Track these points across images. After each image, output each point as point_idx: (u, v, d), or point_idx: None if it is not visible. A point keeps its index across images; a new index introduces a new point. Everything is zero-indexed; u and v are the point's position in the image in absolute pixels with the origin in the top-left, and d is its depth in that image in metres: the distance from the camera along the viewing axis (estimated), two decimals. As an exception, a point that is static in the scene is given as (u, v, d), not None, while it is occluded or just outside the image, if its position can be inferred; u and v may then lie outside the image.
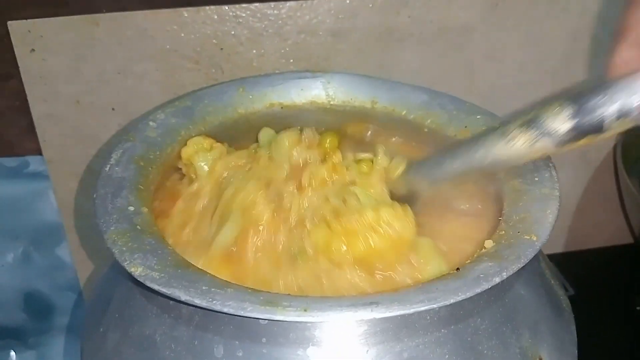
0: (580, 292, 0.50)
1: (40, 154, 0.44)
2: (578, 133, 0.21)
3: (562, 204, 0.56)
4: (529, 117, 0.23)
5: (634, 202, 0.44)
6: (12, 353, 0.49)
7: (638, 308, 0.48)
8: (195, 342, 0.23)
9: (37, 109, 0.43)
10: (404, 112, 0.36)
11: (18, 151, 0.45)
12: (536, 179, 0.27)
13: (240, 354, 0.23)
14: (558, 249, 0.54)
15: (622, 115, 0.20)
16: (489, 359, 0.24)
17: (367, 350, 0.23)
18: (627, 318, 0.48)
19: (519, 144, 0.23)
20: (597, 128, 0.21)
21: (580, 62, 0.48)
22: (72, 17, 0.40)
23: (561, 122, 0.21)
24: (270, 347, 0.22)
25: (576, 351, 0.30)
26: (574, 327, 0.31)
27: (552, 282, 0.31)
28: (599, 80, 0.22)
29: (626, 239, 0.55)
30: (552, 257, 0.53)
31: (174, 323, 0.24)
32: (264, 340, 0.22)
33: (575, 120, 0.21)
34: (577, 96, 0.22)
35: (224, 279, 0.22)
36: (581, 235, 0.54)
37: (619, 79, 0.21)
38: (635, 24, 0.22)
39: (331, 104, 0.37)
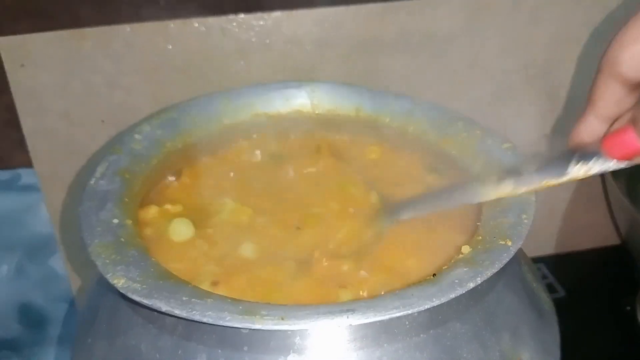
0: (571, 294, 0.51)
1: (32, 166, 0.45)
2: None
3: (551, 207, 0.56)
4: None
5: (620, 205, 0.44)
6: (8, 365, 0.50)
7: (628, 308, 0.49)
8: (179, 352, 0.24)
9: (28, 124, 0.43)
10: (387, 120, 0.36)
11: (10, 164, 0.46)
12: (513, 184, 0.28)
13: (223, 363, 0.23)
14: (549, 250, 0.54)
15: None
16: (468, 362, 0.25)
17: (348, 357, 0.23)
18: (616, 318, 0.48)
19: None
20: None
21: (563, 69, 0.48)
22: (59, 32, 0.41)
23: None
24: (252, 355, 0.23)
25: (559, 352, 0.30)
26: (556, 329, 0.31)
27: (534, 284, 0.31)
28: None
29: (614, 240, 0.55)
30: (543, 259, 0.53)
31: (158, 333, 0.24)
32: (245, 348, 0.23)
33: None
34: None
35: (206, 290, 0.23)
36: (571, 237, 0.55)
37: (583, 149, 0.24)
38: (602, 95, 0.23)
39: (316, 113, 0.38)
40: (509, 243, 0.24)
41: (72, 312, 0.50)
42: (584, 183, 0.53)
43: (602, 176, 0.51)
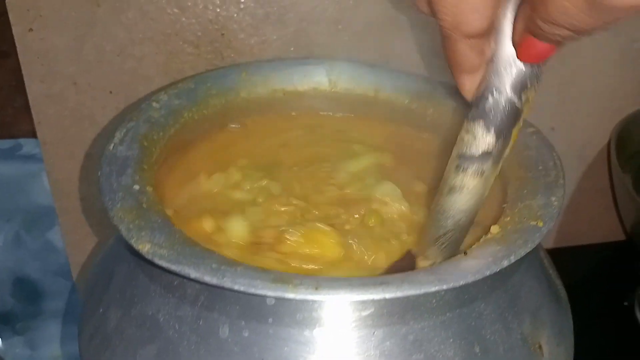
0: (569, 289, 0.51)
1: (35, 136, 0.44)
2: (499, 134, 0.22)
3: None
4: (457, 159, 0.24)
5: (627, 199, 0.45)
6: (-1, 339, 0.48)
7: (626, 304, 0.49)
8: (200, 322, 0.23)
9: (34, 89, 0.42)
10: (406, 101, 0.36)
11: (12, 133, 0.44)
12: (540, 168, 0.28)
13: (246, 334, 0.22)
14: (548, 244, 0.54)
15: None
16: (491, 343, 0.24)
17: (374, 332, 0.23)
18: (617, 314, 0.48)
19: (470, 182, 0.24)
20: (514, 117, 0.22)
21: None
22: (72, -5, 0.40)
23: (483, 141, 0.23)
24: (277, 328, 0.22)
25: (573, 340, 0.30)
26: (570, 316, 0.31)
27: (550, 271, 0.31)
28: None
29: (619, 236, 0.55)
30: (543, 252, 0.53)
31: (178, 303, 0.24)
32: (270, 320, 0.22)
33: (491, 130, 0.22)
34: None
35: (234, 259, 0.22)
36: (573, 231, 0.55)
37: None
38: (455, 56, 0.23)
39: (333, 91, 0.37)
40: (540, 224, 0.24)
41: (67, 287, 0.49)
42: (588, 175, 0.53)
43: (610, 169, 0.51)
